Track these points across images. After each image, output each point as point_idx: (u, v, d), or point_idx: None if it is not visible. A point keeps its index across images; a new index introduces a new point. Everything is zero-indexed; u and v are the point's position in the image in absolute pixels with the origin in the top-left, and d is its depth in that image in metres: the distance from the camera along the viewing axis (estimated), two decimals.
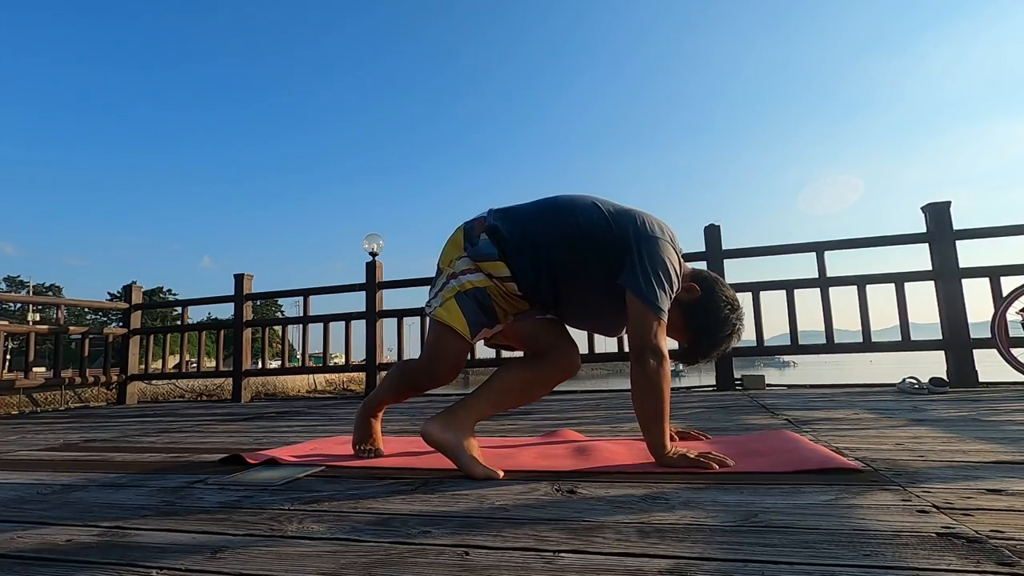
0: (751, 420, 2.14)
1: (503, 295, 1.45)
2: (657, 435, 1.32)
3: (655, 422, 1.31)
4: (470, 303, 1.42)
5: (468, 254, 1.45)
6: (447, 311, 1.43)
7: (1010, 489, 1.01)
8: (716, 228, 3.99)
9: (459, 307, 1.42)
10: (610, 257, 1.38)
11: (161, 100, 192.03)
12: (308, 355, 4.97)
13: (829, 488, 1.06)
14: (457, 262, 1.46)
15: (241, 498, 1.17)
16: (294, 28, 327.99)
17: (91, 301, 5.77)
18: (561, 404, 3.20)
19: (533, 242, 1.41)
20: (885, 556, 0.72)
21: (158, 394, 7.50)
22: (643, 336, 1.32)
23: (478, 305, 1.42)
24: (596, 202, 1.45)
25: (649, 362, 1.30)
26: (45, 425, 3.15)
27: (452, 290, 1.44)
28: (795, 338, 3.87)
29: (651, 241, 1.37)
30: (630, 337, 1.35)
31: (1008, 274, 3.43)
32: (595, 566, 0.73)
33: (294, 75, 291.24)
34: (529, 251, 1.41)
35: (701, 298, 1.45)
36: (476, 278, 1.43)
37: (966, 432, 1.65)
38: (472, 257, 1.44)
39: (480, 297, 1.42)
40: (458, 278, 1.44)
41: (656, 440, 1.32)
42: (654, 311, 1.32)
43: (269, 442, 2.03)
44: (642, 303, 1.32)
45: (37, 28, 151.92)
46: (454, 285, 1.44)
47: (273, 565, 0.78)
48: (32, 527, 1.01)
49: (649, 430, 1.33)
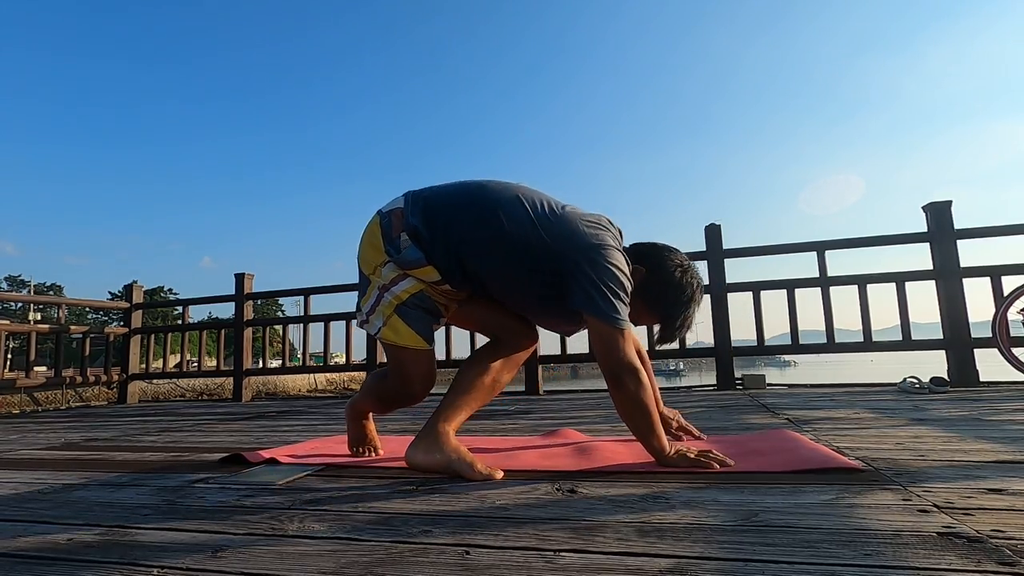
0: (752, 419, 2.14)
1: (440, 293, 1.40)
2: (654, 443, 1.30)
3: (649, 434, 1.30)
4: (413, 312, 1.37)
5: (393, 260, 1.36)
6: (394, 331, 1.36)
7: (1011, 488, 1.01)
8: (717, 228, 3.99)
9: (404, 322, 1.36)
10: (543, 270, 1.31)
11: (160, 96, 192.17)
12: (309, 354, 4.98)
13: (830, 488, 1.06)
14: (383, 270, 1.38)
15: (242, 497, 1.17)
16: (292, 24, 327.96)
17: (92, 300, 5.77)
18: (561, 404, 3.20)
19: (458, 252, 1.33)
20: (886, 555, 0.72)
21: (159, 393, 7.51)
22: (612, 356, 1.28)
23: (422, 311, 1.38)
24: (522, 199, 1.34)
25: (626, 383, 1.27)
26: (46, 424, 3.16)
27: (390, 305, 1.37)
28: (796, 338, 3.87)
29: (593, 251, 1.29)
30: (599, 359, 1.30)
31: (1009, 273, 3.43)
32: (596, 565, 0.73)
33: (291, 71, 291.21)
34: (455, 259, 1.34)
35: (650, 275, 1.40)
36: (409, 285, 1.36)
37: (967, 432, 1.65)
38: (398, 264, 1.36)
39: (420, 302, 1.37)
40: (391, 290, 1.37)
41: (654, 448, 1.31)
42: (615, 325, 1.27)
43: (270, 441, 2.03)
44: (601, 321, 1.27)
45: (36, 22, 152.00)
46: (390, 299, 1.37)
47: (274, 564, 0.78)
48: (33, 526, 1.01)
49: (647, 442, 1.31)
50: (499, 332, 1.46)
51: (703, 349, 4.14)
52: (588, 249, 1.29)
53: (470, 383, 1.37)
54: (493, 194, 1.36)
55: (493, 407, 3.14)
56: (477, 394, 1.37)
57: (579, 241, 1.30)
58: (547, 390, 4.26)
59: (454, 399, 1.35)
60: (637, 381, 1.27)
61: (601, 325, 1.27)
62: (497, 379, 1.40)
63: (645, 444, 1.32)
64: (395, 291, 1.37)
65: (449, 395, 1.37)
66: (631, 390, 1.27)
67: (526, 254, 1.31)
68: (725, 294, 3.88)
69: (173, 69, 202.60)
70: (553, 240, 1.30)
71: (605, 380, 1.30)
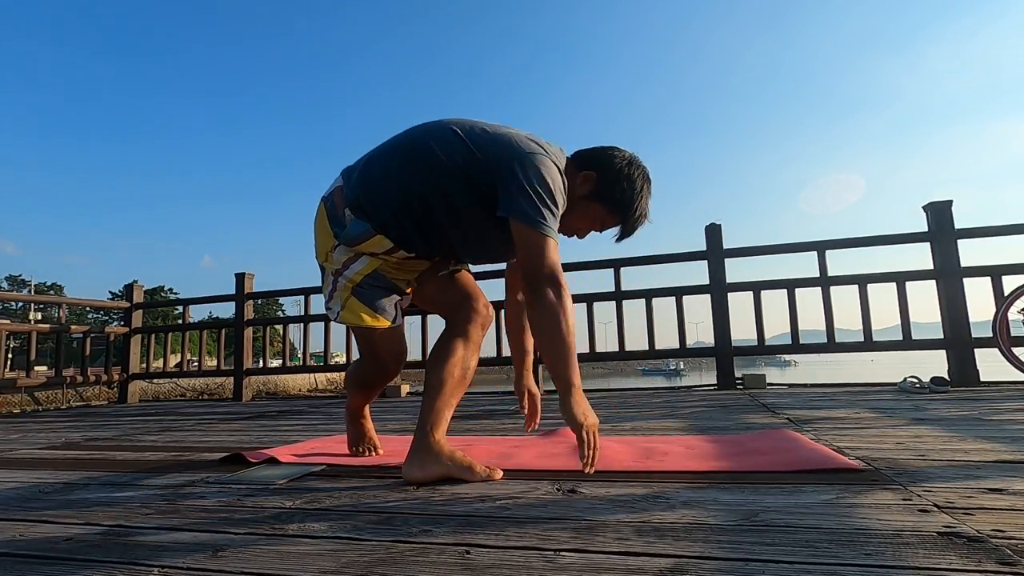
0: (752, 419, 2.14)
1: (396, 266, 1.40)
2: (570, 376, 1.20)
3: (565, 362, 1.20)
4: (367, 292, 1.38)
5: (340, 240, 1.36)
6: (352, 313, 1.38)
7: (1011, 488, 1.01)
8: (717, 227, 3.98)
9: (360, 302, 1.38)
10: (480, 186, 1.27)
11: (161, 92, 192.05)
12: (309, 354, 4.98)
13: (830, 487, 1.06)
14: (334, 255, 1.39)
15: (242, 497, 1.17)
16: (290, 21, 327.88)
17: (92, 300, 5.78)
18: None
19: (401, 201, 1.30)
20: (886, 555, 0.72)
21: (159, 393, 7.51)
22: (533, 261, 1.21)
23: (378, 289, 1.38)
24: (456, 129, 1.31)
25: (546, 292, 1.20)
26: (47, 424, 3.16)
27: (345, 289, 1.39)
28: (796, 337, 3.87)
29: (524, 157, 1.25)
30: (521, 266, 1.25)
31: (1009, 273, 3.42)
32: (596, 565, 0.73)
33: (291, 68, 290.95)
34: (402, 213, 1.31)
35: (601, 176, 1.37)
36: (362, 266, 1.37)
37: (967, 431, 1.65)
38: (346, 243, 1.36)
39: (375, 281, 1.38)
40: (344, 274, 1.39)
41: (568, 382, 1.20)
42: (540, 229, 1.21)
43: (270, 441, 2.03)
44: (525, 224, 1.21)
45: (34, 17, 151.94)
46: (344, 283, 1.39)
47: (274, 564, 0.78)
48: (34, 525, 1.01)
49: (560, 373, 1.20)
50: (447, 311, 1.45)
51: (703, 349, 4.14)
52: (520, 156, 1.25)
53: (441, 381, 1.32)
54: (422, 133, 1.34)
55: (493, 407, 3.15)
56: (452, 390, 1.33)
57: (513, 150, 1.27)
58: (547, 390, 4.26)
59: (432, 403, 1.30)
60: (558, 291, 1.21)
61: (525, 229, 1.22)
62: (465, 367, 1.36)
63: (557, 378, 1.21)
64: (347, 275, 1.38)
65: (426, 401, 1.31)
66: (550, 299, 1.20)
67: (462, 176, 1.28)
68: (725, 294, 3.87)
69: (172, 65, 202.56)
70: (486, 155, 1.27)
71: (523, 293, 1.25)
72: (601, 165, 1.38)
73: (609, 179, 1.37)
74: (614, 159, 1.38)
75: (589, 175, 1.37)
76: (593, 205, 1.38)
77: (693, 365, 44.55)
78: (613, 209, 1.40)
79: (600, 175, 1.37)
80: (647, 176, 1.41)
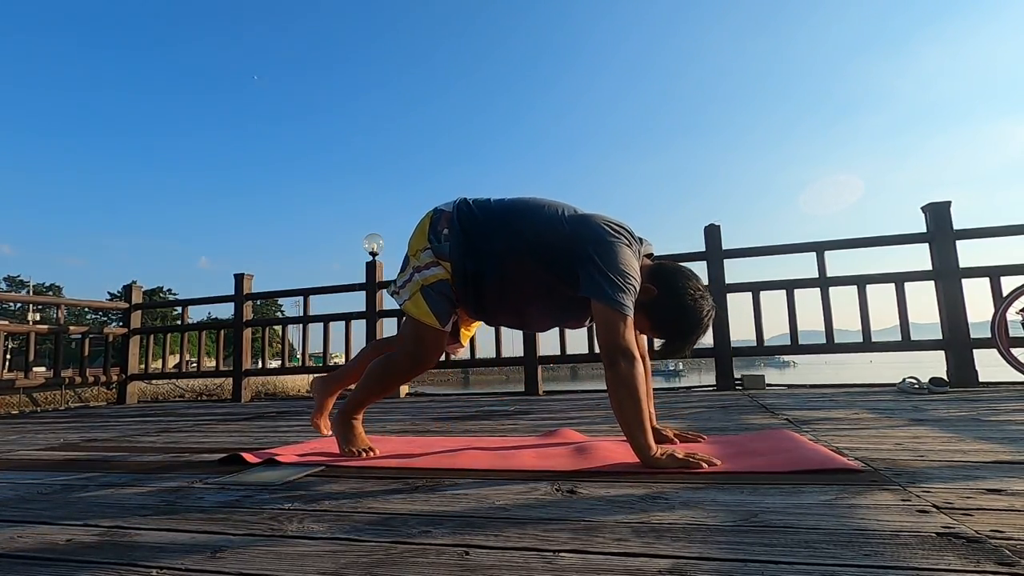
0: (751, 420, 2.14)
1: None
2: (640, 437, 1.30)
3: (636, 425, 1.30)
4: (434, 296, 1.52)
5: (432, 247, 1.54)
6: (415, 306, 1.53)
7: (1010, 489, 1.01)
8: (716, 228, 3.99)
9: (425, 301, 1.52)
10: (560, 262, 1.43)
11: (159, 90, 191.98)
12: (308, 355, 4.97)
13: (829, 488, 1.06)
14: (423, 254, 1.55)
15: (241, 498, 1.17)
16: (289, 18, 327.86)
17: (91, 301, 5.77)
18: (561, 404, 3.20)
19: (485, 264, 1.49)
20: (885, 556, 0.72)
21: (158, 394, 7.49)
22: (611, 338, 1.33)
23: (443, 296, 1.53)
24: (553, 205, 1.50)
25: (620, 364, 1.31)
26: (45, 425, 3.15)
27: (417, 284, 1.54)
28: (795, 338, 3.87)
29: (605, 244, 1.39)
30: (600, 341, 1.37)
31: (1008, 274, 3.43)
32: (595, 566, 0.73)
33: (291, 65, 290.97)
34: (474, 269, 1.49)
35: (661, 296, 1.44)
36: (438, 272, 1.53)
37: (966, 432, 1.65)
38: (434, 252, 1.54)
39: (443, 289, 1.53)
40: (422, 272, 1.54)
41: (639, 443, 1.30)
42: (617, 309, 1.33)
43: (269, 442, 2.03)
44: (604, 304, 1.34)
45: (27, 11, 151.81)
46: (419, 279, 1.54)
47: (273, 565, 0.78)
48: (32, 527, 1.01)
49: (631, 434, 1.31)
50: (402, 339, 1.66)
51: (703, 349, 4.14)
52: (601, 242, 1.39)
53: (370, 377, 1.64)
54: (526, 208, 1.52)
55: (493, 407, 3.15)
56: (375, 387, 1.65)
57: (595, 234, 1.41)
58: (547, 390, 4.26)
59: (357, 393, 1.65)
60: (631, 364, 1.31)
61: (605, 309, 1.34)
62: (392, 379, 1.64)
63: (630, 437, 1.31)
64: (425, 274, 1.54)
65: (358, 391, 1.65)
66: (623, 370, 1.31)
67: (546, 250, 1.44)
68: (725, 294, 3.88)
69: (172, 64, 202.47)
70: (572, 230, 1.43)
71: (603, 363, 1.35)
72: (668, 289, 1.45)
73: (667, 304, 1.45)
74: (684, 292, 1.44)
75: (650, 289, 1.45)
76: (640, 315, 1.44)
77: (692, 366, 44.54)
78: (657, 328, 1.51)
79: (661, 295, 1.45)
80: (711, 314, 1.47)
